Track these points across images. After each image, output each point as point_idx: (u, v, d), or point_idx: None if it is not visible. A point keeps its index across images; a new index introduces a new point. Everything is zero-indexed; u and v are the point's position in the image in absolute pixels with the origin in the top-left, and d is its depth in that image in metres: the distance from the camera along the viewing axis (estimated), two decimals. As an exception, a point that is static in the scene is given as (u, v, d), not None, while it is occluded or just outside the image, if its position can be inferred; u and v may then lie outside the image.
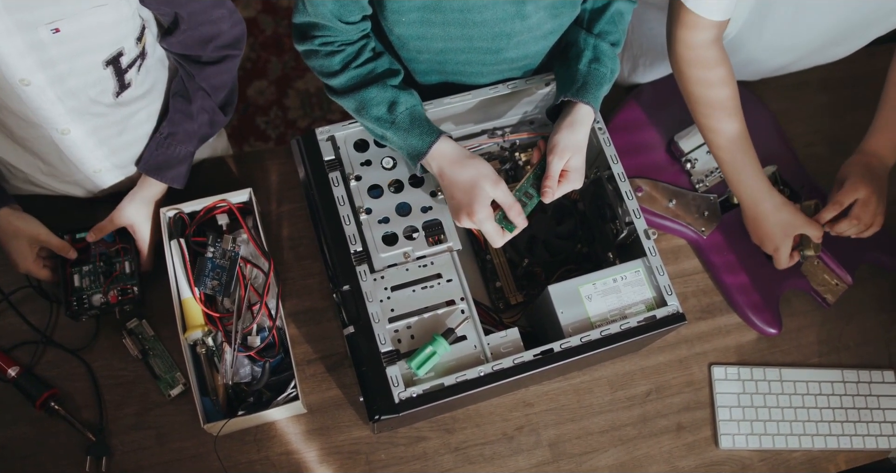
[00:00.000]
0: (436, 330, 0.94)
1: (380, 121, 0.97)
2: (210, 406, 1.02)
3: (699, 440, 1.15)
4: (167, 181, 1.08)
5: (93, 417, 1.07)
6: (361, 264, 0.96)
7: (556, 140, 0.97)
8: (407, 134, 0.96)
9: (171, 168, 1.08)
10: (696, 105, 1.10)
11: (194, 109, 1.05)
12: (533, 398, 1.13)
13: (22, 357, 1.08)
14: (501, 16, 0.93)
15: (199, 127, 1.07)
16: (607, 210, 1.07)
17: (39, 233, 1.04)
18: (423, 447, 1.10)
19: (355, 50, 0.97)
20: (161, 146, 1.07)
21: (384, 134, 0.98)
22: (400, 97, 0.96)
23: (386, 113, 0.96)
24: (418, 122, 0.96)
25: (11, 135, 0.98)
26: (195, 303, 1.03)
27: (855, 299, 1.24)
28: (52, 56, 0.85)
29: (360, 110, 0.98)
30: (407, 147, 0.97)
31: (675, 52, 1.07)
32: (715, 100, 1.08)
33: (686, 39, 1.04)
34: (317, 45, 0.96)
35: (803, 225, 1.12)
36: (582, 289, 0.98)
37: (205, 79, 1.04)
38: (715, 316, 1.21)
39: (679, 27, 1.04)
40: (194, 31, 0.97)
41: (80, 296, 1.07)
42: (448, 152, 0.96)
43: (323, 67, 0.98)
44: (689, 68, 1.07)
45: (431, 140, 0.95)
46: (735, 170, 1.11)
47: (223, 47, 1.01)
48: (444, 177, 0.96)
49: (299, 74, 2.16)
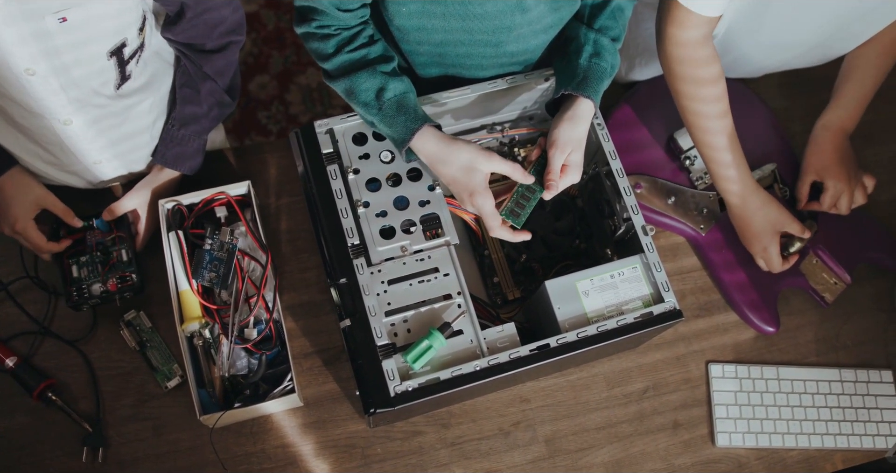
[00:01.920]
0: (432, 324, 0.94)
1: (367, 107, 0.97)
2: (206, 398, 1.03)
3: (695, 437, 1.15)
4: (186, 170, 1.10)
5: (90, 408, 1.07)
6: (358, 257, 0.96)
7: (556, 134, 0.96)
8: (392, 121, 0.95)
9: (188, 158, 1.10)
10: (685, 102, 1.09)
11: (202, 97, 1.06)
12: (529, 394, 1.13)
13: (20, 347, 1.09)
14: (502, 8, 0.93)
15: (208, 111, 1.08)
16: (605, 206, 1.07)
17: (47, 196, 1.06)
18: (419, 441, 1.10)
19: (350, 35, 0.97)
20: (175, 138, 1.08)
21: (372, 120, 0.98)
22: (389, 83, 0.96)
23: (373, 99, 0.96)
24: (405, 110, 0.95)
25: (13, 124, 0.98)
26: (193, 295, 1.03)
27: (853, 298, 1.23)
28: (57, 45, 0.85)
29: (349, 95, 0.98)
30: (392, 134, 0.97)
31: (665, 50, 1.06)
32: (705, 99, 1.08)
33: (677, 37, 1.04)
34: (314, 28, 0.97)
35: (789, 221, 1.13)
36: (579, 285, 0.98)
37: (210, 67, 1.04)
38: (713, 314, 1.21)
39: (669, 24, 1.03)
40: (199, 19, 0.97)
41: (80, 286, 1.07)
42: (432, 141, 0.95)
43: (318, 50, 0.98)
44: (680, 66, 1.06)
45: (414, 128, 0.94)
46: (723, 168, 1.11)
47: (226, 33, 1.01)
48: (434, 167, 0.96)
49: (301, 69, 2.16)
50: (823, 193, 1.17)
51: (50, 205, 1.06)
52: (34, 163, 1.06)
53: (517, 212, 0.98)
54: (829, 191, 1.16)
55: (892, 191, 1.30)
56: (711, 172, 1.14)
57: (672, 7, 1.01)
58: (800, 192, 1.19)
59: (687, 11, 1.00)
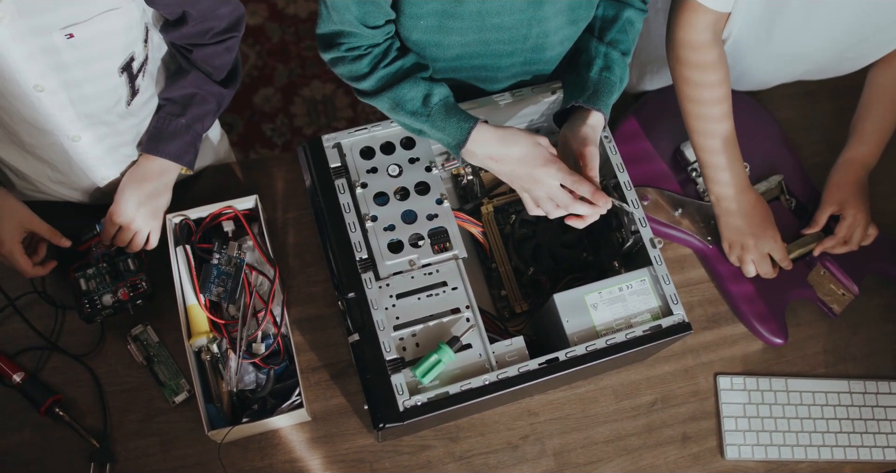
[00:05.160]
0: (441, 339, 0.94)
1: (416, 116, 0.97)
2: (214, 413, 1.02)
3: (704, 450, 1.14)
4: (164, 155, 1.03)
5: (97, 423, 1.06)
6: (367, 271, 0.96)
7: (581, 134, 0.97)
8: (444, 124, 0.95)
9: (164, 141, 1.04)
10: (688, 105, 1.11)
11: (187, 82, 1.03)
12: (538, 407, 1.13)
13: (27, 362, 1.08)
14: (518, 19, 0.94)
15: (191, 97, 1.04)
16: (613, 218, 1.06)
17: (31, 218, 1.01)
18: (428, 455, 1.09)
19: (382, 50, 0.97)
20: (154, 121, 1.04)
21: (421, 128, 0.98)
22: (433, 89, 0.96)
23: (421, 106, 0.96)
24: (454, 112, 0.96)
25: (21, 143, 0.98)
26: (200, 310, 1.03)
27: (861, 309, 1.23)
28: (66, 62, 0.85)
29: (394, 108, 0.97)
30: (446, 138, 0.96)
31: (674, 51, 1.08)
32: (708, 102, 1.09)
33: (686, 39, 1.05)
34: (343, 52, 0.97)
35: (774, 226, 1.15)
36: (587, 298, 0.98)
37: (205, 61, 1.02)
38: (721, 326, 1.20)
39: (679, 27, 1.05)
40: (200, 24, 0.97)
41: (92, 298, 1.07)
42: (491, 133, 0.95)
43: (352, 72, 0.98)
44: (687, 69, 1.08)
45: (469, 126, 0.94)
46: (718, 170, 1.12)
47: (223, 32, 1.00)
48: (495, 160, 0.95)
49: (305, 82, 2.16)
50: (841, 221, 1.18)
51: (35, 228, 1.02)
52: (42, 181, 1.06)
53: None
54: (848, 220, 1.17)
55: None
56: (705, 176, 1.15)
57: (682, 7, 1.03)
58: (817, 222, 1.20)
59: (695, 8, 1.01)
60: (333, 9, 0.92)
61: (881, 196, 1.26)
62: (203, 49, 1.01)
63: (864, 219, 1.18)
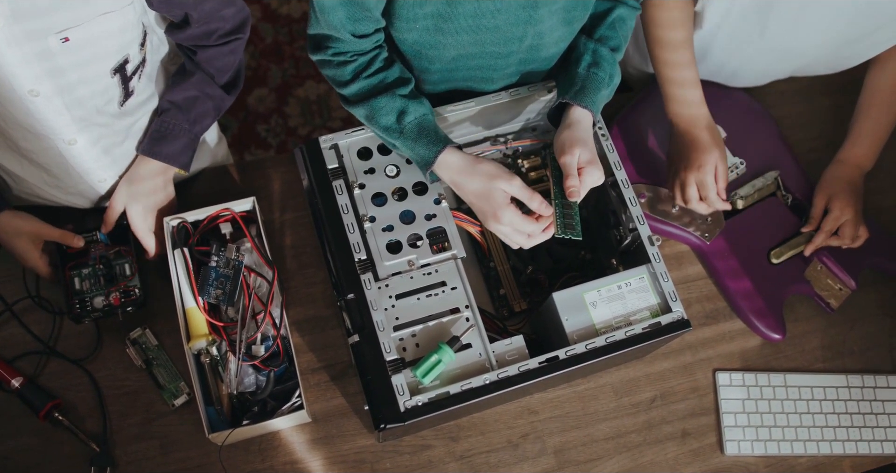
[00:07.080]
0: (441, 338, 0.94)
1: (388, 131, 0.97)
2: (214, 416, 1.02)
3: (704, 446, 1.14)
4: (161, 158, 1.04)
5: (96, 427, 1.06)
6: (366, 272, 0.95)
7: (560, 140, 0.97)
8: (414, 143, 0.96)
9: (163, 144, 1.04)
10: (652, 29, 1.12)
11: (190, 85, 1.03)
12: (538, 405, 1.13)
13: (25, 367, 1.08)
14: (514, 20, 0.94)
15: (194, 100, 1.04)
16: (611, 216, 1.07)
17: (41, 229, 1.05)
18: (428, 455, 1.09)
19: (367, 60, 0.97)
20: (156, 123, 1.04)
21: (394, 143, 0.99)
22: (409, 107, 0.97)
23: (394, 122, 0.97)
24: (426, 132, 0.96)
25: (16, 148, 0.97)
26: (199, 313, 1.03)
27: (859, 304, 1.24)
28: (61, 65, 0.85)
29: (369, 119, 0.98)
30: (415, 156, 0.97)
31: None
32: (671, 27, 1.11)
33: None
34: (329, 56, 0.97)
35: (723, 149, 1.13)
36: (586, 296, 0.98)
37: (209, 62, 1.03)
38: (719, 322, 1.21)
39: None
40: (204, 26, 0.97)
41: (83, 299, 1.07)
42: (455, 162, 0.96)
43: (335, 76, 0.99)
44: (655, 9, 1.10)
45: (437, 150, 0.95)
46: (677, 84, 1.12)
47: (228, 34, 1.01)
48: (458, 188, 0.97)
49: (299, 82, 2.16)
50: (827, 216, 1.19)
51: (47, 235, 1.05)
52: (39, 186, 1.05)
53: (570, 223, 0.96)
54: (833, 214, 1.18)
55: (892, 197, 1.31)
56: (664, 90, 1.14)
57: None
58: (813, 218, 1.21)
59: None
60: (321, 12, 0.92)
61: (876, 191, 1.27)
62: (207, 50, 1.02)
63: (853, 214, 1.18)
